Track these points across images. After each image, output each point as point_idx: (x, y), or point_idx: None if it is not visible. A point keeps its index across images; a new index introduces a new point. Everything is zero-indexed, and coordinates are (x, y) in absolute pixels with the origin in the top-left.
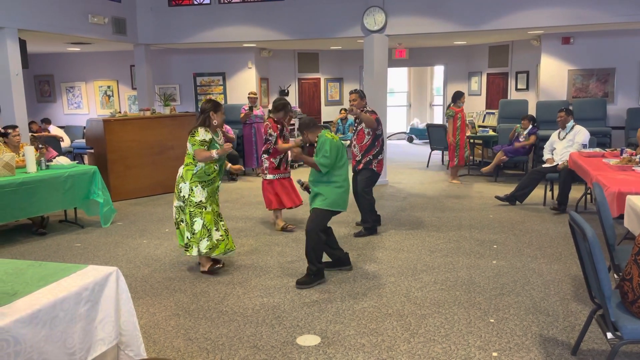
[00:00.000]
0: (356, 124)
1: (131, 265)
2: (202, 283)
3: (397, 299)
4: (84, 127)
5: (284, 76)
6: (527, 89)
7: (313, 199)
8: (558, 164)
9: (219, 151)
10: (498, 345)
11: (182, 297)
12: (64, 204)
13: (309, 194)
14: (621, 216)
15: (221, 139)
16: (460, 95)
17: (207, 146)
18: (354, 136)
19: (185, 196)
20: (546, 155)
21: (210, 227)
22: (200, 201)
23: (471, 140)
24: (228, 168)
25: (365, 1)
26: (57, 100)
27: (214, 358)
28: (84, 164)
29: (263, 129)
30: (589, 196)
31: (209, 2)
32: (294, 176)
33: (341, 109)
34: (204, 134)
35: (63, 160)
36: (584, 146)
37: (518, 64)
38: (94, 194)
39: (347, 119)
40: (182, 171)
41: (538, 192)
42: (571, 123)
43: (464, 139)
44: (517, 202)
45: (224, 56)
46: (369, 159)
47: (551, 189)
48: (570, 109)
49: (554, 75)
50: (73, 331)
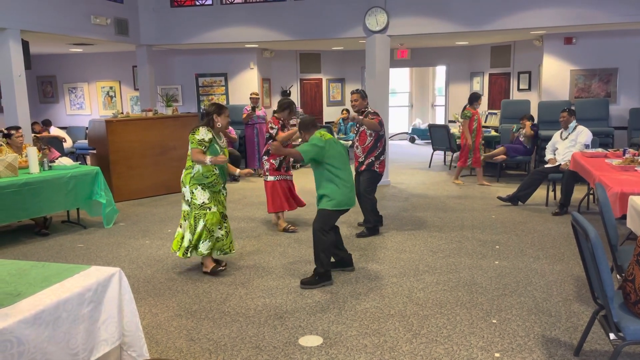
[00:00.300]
0: (357, 125)
1: (134, 266)
2: (204, 284)
3: (399, 300)
4: (87, 127)
5: (286, 77)
6: (529, 89)
7: (319, 201)
8: (560, 164)
9: (212, 159)
10: (500, 345)
11: (184, 298)
12: (67, 204)
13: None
14: (624, 216)
15: (223, 142)
16: (477, 97)
17: (207, 147)
18: (356, 137)
19: (188, 200)
20: (548, 156)
21: (213, 228)
22: (203, 202)
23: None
24: (237, 173)
25: (367, 2)
26: (59, 101)
27: (216, 358)
28: (86, 164)
29: (265, 128)
30: (591, 197)
31: (211, 3)
32: (297, 176)
33: (343, 109)
34: (204, 133)
35: (66, 161)
36: (587, 146)
37: (520, 64)
38: (96, 194)
39: (348, 119)
40: (183, 175)
41: (540, 193)
42: (573, 123)
43: (479, 141)
44: (519, 202)
45: (226, 57)
46: (371, 160)
47: (553, 190)
48: (573, 109)
49: (556, 76)
50: (76, 332)
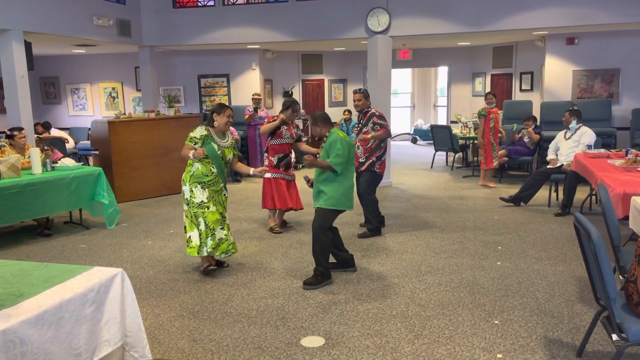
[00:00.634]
0: (359, 125)
1: (136, 267)
2: (206, 284)
3: (401, 300)
4: (89, 128)
5: (288, 77)
6: (531, 89)
7: (317, 196)
8: (563, 165)
9: (194, 153)
10: (502, 346)
11: (186, 299)
12: (69, 205)
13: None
14: (626, 217)
15: (228, 141)
16: (487, 95)
17: (199, 144)
18: (358, 137)
19: (187, 198)
20: (550, 156)
21: (214, 227)
22: (202, 201)
23: (475, 142)
24: (252, 172)
25: (369, 2)
26: (62, 102)
27: (218, 359)
28: (89, 165)
29: None
30: (594, 197)
31: (213, 4)
32: (299, 175)
33: (345, 110)
34: (199, 131)
35: (68, 162)
36: (589, 147)
37: (522, 64)
38: (99, 195)
39: (350, 120)
40: (184, 174)
41: (543, 193)
42: (574, 123)
43: (497, 141)
44: (521, 203)
45: (228, 58)
46: (372, 161)
47: (556, 190)
48: (577, 109)
49: (558, 76)
50: (79, 332)
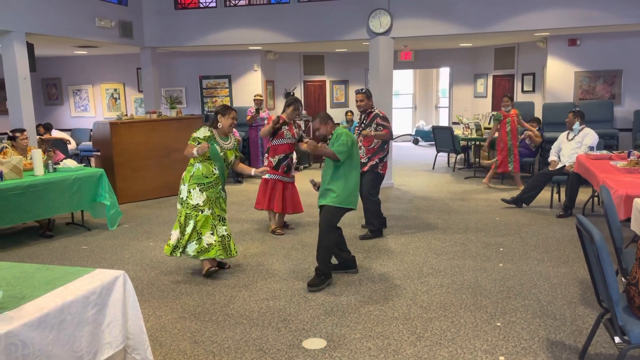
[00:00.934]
0: (361, 125)
1: (138, 268)
2: (208, 286)
3: (403, 302)
4: (91, 129)
5: (289, 78)
6: (533, 91)
7: (323, 194)
8: (565, 166)
9: (198, 149)
10: (505, 349)
11: (188, 300)
12: (71, 206)
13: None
14: (629, 219)
15: (230, 143)
16: (503, 97)
17: (200, 143)
18: (360, 137)
19: (183, 198)
20: (551, 157)
21: (202, 231)
22: (197, 204)
23: (477, 143)
24: (253, 173)
25: (370, 3)
26: (64, 103)
27: None
28: (90, 166)
29: None
30: (596, 199)
31: (214, 5)
32: (302, 177)
33: (347, 111)
34: (202, 131)
35: (70, 163)
36: (591, 148)
37: (524, 65)
38: (100, 196)
39: (352, 121)
40: (184, 173)
41: (545, 195)
42: (577, 125)
43: (515, 145)
44: (523, 204)
45: (229, 59)
46: (375, 162)
47: (558, 192)
48: (580, 110)
49: (560, 77)
50: (80, 335)
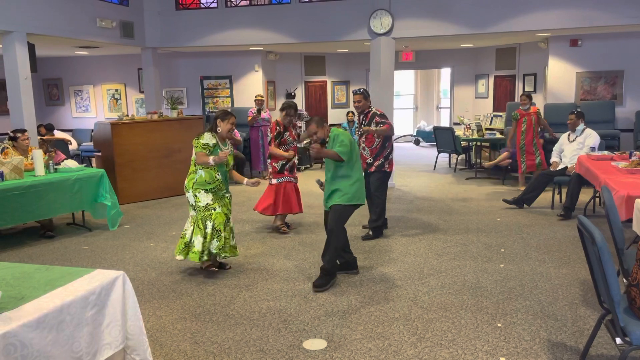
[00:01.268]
0: (362, 125)
1: (138, 269)
2: (208, 286)
3: (404, 303)
4: (92, 130)
5: (290, 79)
6: (534, 91)
7: (330, 196)
8: (567, 167)
9: (215, 158)
10: (506, 350)
11: (188, 301)
12: (72, 207)
13: (324, 193)
14: (630, 220)
15: (229, 148)
16: (520, 97)
17: (210, 151)
18: (362, 138)
19: (193, 204)
20: (553, 158)
21: (220, 228)
22: (207, 203)
23: (478, 143)
24: (245, 183)
25: (371, 4)
26: (65, 103)
27: None
28: (91, 167)
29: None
30: (597, 199)
31: (216, 5)
32: (302, 178)
33: (348, 112)
34: (209, 138)
35: (71, 164)
36: (593, 149)
37: (525, 66)
38: (101, 197)
39: (353, 121)
40: (186, 181)
41: (546, 195)
42: (581, 126)
43: (530, 144)
44: (524, 205)
45: (230, 59)
46: (381, 161)
47: (559, 192)
48: (581, 111)
49: (561, 78)
50: (80, 335)
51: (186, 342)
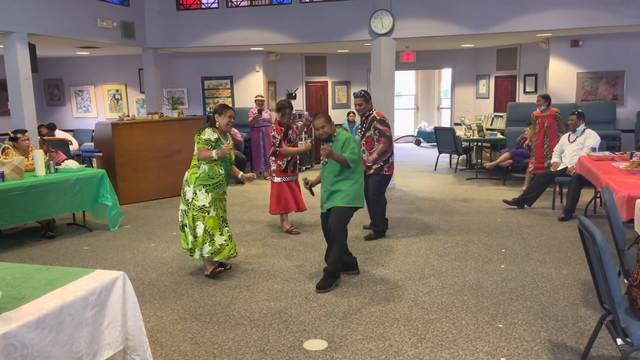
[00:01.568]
0: (362, 128)
1: (139, 269)
2: (209, 287)
3: (405, 304)
4: (93, 130)
5: (291, 79)
6: (535, 91)
7: (330, 197)
8: (568, 167)
9: (219, 152)
10: (506, 350)
11: (189, 301)
12: (73, 207)
13: (312, 194)
14: (631, 220)
15: (230, 142)
16: (537, 97)
17: (212, 146)
18: (362, 141)
19: (189, 199)
20: (554, 159)
21: (213, 232)
22: (204, 205)
23: (479, 144)
24: (240, 177)
25: (372, 4)
26: (66, 103)
27: None
28: (92, 167)
29: (270, 131)
30: (598, 200)
31: (216, 6)
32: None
33: (349, 112)
34: (210, 133)
35: (71, 164)
36: (593, 149)
37: (526, 66)
38: (102, 197)
39: (354, 121)
40: (187, 175)
41: (547, 196)
42: (582, 127)
43: (540, 147)
44: (525, 205)
45: (231, 60)
46: (380, 165)
47: (560, 193)
48: (580, 111)
49: (562, 78)
50: (80, 336)
51: (186, 342)
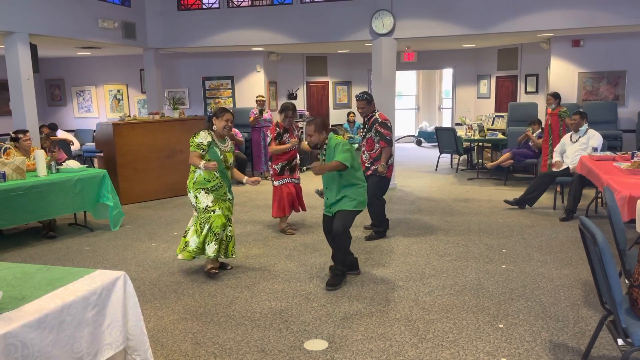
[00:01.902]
0: (364, 129)
1: (140, 269)
2: (210, 287)
3: (405, 304)
4: (94, 130)
5: (292, 79)
6: (536, 92)
7: (338, 202)
8: (569, 167)
9: (206, 164)
10: (507, 351)
11: (190, 301)
12: (74, 207)
13: (326, 200)
14: (632, 220)
15: (228, 146)
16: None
17: (205, 150)
18: (363, 142)
19: (194, 205)
20: (555, 158)
21: (218, 231)
22: (207, 206)
23: (480, 144)
24: (245, 181)
25: (373, 4)
26: (67, 104)
27: None
28: (93, 167)
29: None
30: (599, 200)
31: (217, 6)
32: (304, 178)
33: (350, 112)
34: (203, 136)
35: (73, 164)
36: (595, 149)
37: (527, 66)
38: (103, 197)
39: (354, 122)
40: (188, 181)
41: (548, 196)
42: (585, 127)
43: (545, 147)
44: (526, 205)
45: (232, 60)
46: (378, 166)
47: (561, 193)
48: (582, 110)
49: (563, 78)
50: (80, 336)
51: (187, 342)
